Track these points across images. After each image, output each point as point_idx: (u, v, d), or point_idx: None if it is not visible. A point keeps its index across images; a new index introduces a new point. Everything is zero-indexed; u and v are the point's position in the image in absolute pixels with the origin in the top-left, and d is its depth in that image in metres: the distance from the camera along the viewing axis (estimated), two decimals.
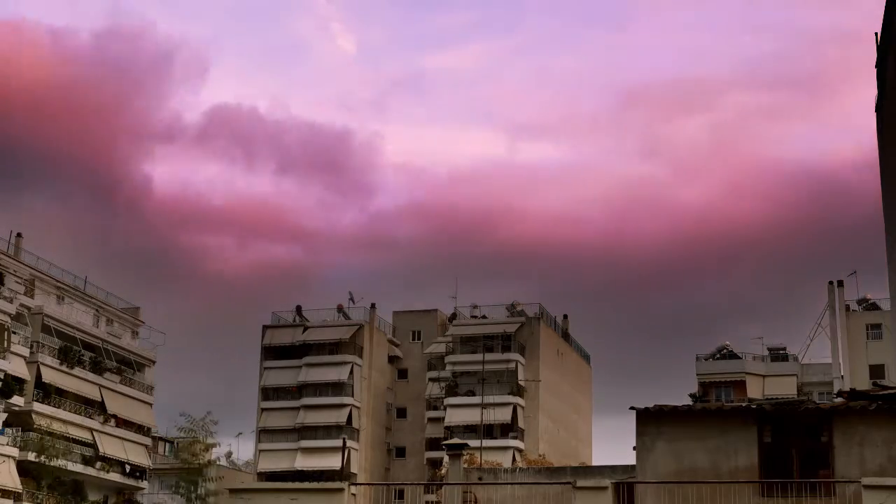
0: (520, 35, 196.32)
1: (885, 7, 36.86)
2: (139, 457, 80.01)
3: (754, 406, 24.44)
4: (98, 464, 75.23)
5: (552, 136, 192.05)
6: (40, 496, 68.65)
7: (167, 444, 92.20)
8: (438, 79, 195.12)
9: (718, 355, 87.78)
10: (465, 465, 34.41)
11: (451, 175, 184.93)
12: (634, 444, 24.87)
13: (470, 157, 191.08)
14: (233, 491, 24.11)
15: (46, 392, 72.15)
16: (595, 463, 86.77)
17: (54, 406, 72.50)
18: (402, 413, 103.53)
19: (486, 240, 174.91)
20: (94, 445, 75.47)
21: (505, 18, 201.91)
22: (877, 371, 73.50)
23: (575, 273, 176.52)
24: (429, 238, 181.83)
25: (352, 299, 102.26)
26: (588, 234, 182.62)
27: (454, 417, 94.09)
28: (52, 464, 67.77)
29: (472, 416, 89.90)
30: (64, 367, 73.64)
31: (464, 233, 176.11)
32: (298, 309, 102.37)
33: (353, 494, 23.60)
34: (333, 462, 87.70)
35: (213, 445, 78.90)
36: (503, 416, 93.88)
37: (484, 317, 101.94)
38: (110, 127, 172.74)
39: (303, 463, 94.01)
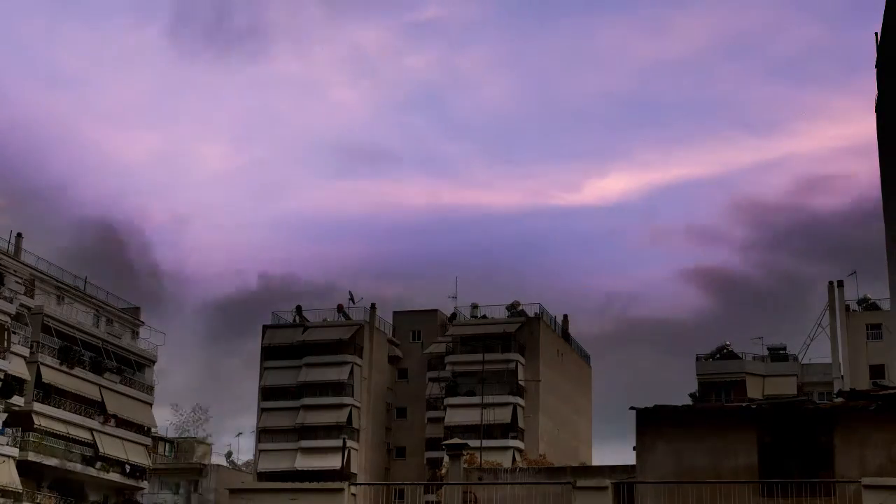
0: None
1: (885, 7, 36.92)
2: (139, 457, 79.95)
3: (754, 406, 24.41)
4: (98, 464, 75.17)
5: None
6: (40, 496, 68.65)
7: (167, 444, 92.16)
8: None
9: (718, 355, 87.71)
10: (465, 465, 34.35)
11: None
12: (634, 444, 24.86)
13: None
14: (233, 491, 24.09)
15: (46, 392, 72.11)
16: (595, 463, 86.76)
17: (54, 406, 72.48)
18: (402, 413, 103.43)
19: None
20: (94, 445, 75.42)
21: None
22: (877, 371, 73.46)
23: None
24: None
25: (352, 299, 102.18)
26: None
27: (454, 417, 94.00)
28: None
29: (472, 416, 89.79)
30: (64, 367, 73.58)
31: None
32: (298, 309, 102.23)
33: (353, 494, 23.60)
34: (333, 462, 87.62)
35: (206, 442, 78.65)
36: (503, 416, 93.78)
37: (484, 317, 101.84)
38: None
39: (303, 463, 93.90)
